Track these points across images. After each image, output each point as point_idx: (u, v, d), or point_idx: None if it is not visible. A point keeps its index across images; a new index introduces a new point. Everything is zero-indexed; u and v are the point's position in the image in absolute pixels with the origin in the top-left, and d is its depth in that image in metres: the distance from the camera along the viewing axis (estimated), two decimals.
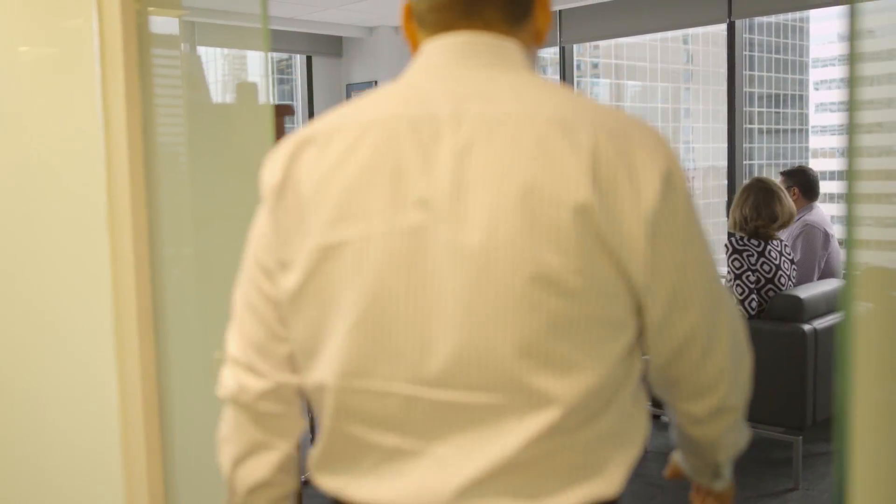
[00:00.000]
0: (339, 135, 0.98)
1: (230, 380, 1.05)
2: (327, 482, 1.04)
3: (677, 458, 1.32)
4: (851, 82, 0.78)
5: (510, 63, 1.00)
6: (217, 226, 1.59)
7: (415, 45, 1.08)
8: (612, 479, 0.96)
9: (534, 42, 1.07)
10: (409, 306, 0.93)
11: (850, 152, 0.80)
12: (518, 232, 0.89)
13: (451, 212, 0.91)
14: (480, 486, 0.93)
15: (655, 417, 4.31)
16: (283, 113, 2.23)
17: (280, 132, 2.21)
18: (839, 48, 0.67)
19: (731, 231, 3.83)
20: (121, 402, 1.63)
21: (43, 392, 1.84)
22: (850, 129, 0.79)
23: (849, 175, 0.81)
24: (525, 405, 0.92)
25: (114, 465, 1.66)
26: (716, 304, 0.99)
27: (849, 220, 0.84)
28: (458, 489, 0.94)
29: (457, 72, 0.99)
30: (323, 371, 0.99)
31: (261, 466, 1.05)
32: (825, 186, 4.53)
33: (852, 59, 0.79)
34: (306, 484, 3.43)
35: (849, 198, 0.82)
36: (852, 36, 0.78)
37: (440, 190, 0.92)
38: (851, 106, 0.79)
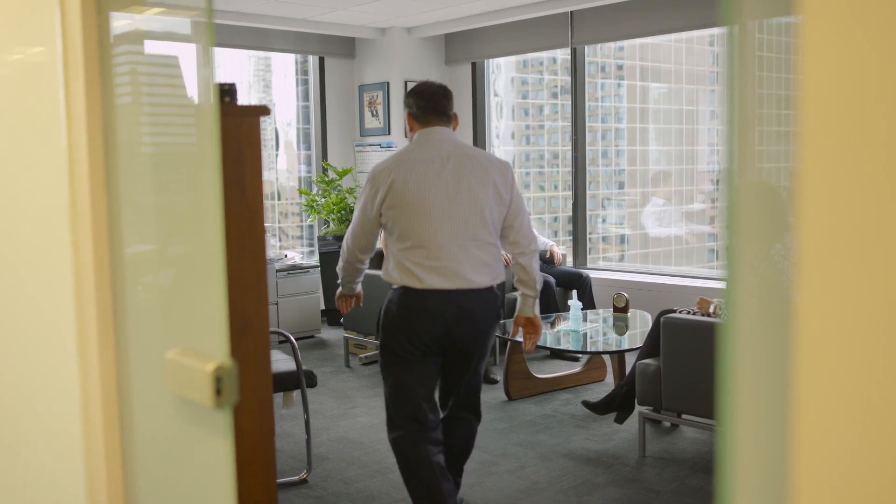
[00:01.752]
0: (412, 165, 2.96)
1: (347, 254, 3.18)
2: (409, 283, 2.94)
3: (519, 313, 3.25)
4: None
5: (453, 135, 3.09)
6: (172, 226, 1.59)
7: (412, 129, 3.09)
8: (501, 276, 3.06)
9: (454, 127, 3.12)
10: (443, 220, 2.91)
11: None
12: (478, 193, 2.96)
13: (453, 188, 2.93)
14: (469, 280, 2.95)
15: (656, 422, 4.28)
16: (258, 114, 2.23)
17: (255, 132, 2.21)
18: None
19: None
20: (82, 397, 1.64)
21: (7, 388, 1.86)
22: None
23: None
24: (483, 245, 2.97)
25: (76, 457, 1.67)
26: (525, 213, 3.10)
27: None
28: (464, 274, 2.94)
29: (439, 139, 3.02)
30: (418, 239, 2.92)
31: (353, 279, 3.30)
32: None
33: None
34: (304, 482, 3.42)
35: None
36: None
37: (448, 182, 2.94)
38: None
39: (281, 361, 3.91)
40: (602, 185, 8.44)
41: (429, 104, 3.04)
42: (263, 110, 2.30)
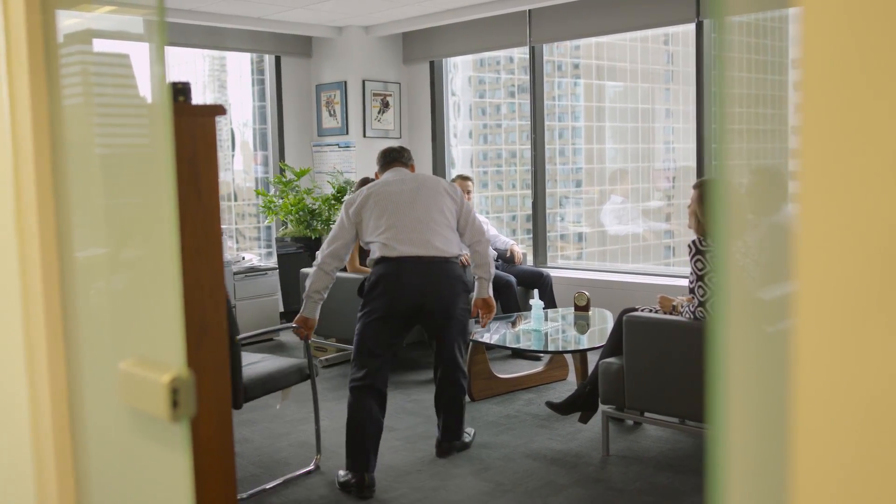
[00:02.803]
0: (381, 185, 3.91)
1: (319, 258, 3.84)
2: (385, 253, 3.73)
3: (476, 296, 4.10)
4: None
5: (410, 172, 4.06)
6: (124, 230, 1.53)
7: (378, 176, 4.10)
8: (463, 249, 4.00)
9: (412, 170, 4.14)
10: (409, 211, 3.79)
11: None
12: (433, 207, 3.83)
13: (414, 193, 3.84)
14: (434, 247, 3.77)
15: (619, 421, 4.28)
16: (213, 113, 2.16)
17: (211, 132, 2.16)
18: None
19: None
20: (31, 412, 1.57)
21: None
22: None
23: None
24: (443, 227, 3.83)
25: (26, 475, 1.60)
26: (475, 215, 4.01)
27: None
28: (432, 243, 3.76)
29: (400, 171, 4.00)
30: (390, 223, 3.77)
31: (322, 286, 3.85)
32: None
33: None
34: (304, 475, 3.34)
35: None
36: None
37: (410, 190, 3.86)
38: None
39: (268, 360, 3.92)
40: (559, 184, 8.44)
41: (387, 157, 4.07)
42: (219, 110, 2.23)
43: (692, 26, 5.97)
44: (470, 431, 4.19)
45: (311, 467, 3.90)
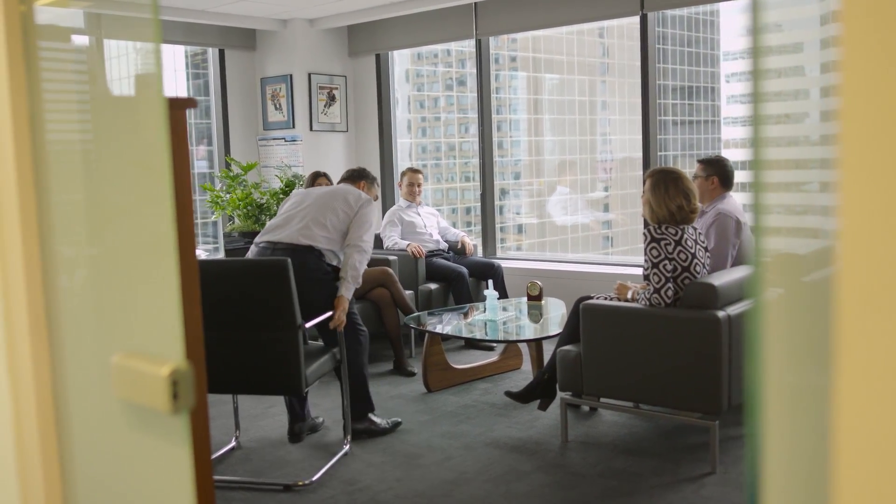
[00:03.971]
0: (304, 191, 4.52)
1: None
2: (257, 239, 4.35)
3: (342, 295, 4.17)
4: (757, 75, 0.78)
5: (347, 187, 4.54)
6: (113, 223, 1.51)
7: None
8: (324, 247, 4.23)
9: (361, 186, 4.70)
10: (297, 207, 4.38)
11: (758, 142, 0.79)
12: (325, 209, 4.30)
13: (314, 200, 4.38)
14: (297, 237, 4.22)
15: (575, 407, 4.35)
16: (185, 106, 2.13)
17: (182, 126, 2.13)
18: (747, 41, 0.68)
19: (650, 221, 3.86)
20: (14, 412, 1.55)
21: None
22: (757, 119, 0.78)
23: (756, 164, 0.81)
24: (320, 226, 4.25)
25: (9, 477, 1.57)
26: (363, 227, 4.29)
27: (757, 209, 0.84)
28: (290, 233, 4.25)
29: (335, 185, 4.93)
30: (280, 213, 4.45)
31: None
32: (736, 175, 4.62)
33: (759, 52, 0.81)
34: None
35: (757, 186, 0.83)
36: (757, 29, 0.78)
37: (309, 201, 4.37)
38: (758, 98, 0.78)
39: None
40: (498, 176, 8.52)
41: (342, 177, 4.82)
42: (190, 103, 2.21)
43: (628, 20, 6.07)
44: (390, 420, 4.30)
45: (347, 449, 3.90)
